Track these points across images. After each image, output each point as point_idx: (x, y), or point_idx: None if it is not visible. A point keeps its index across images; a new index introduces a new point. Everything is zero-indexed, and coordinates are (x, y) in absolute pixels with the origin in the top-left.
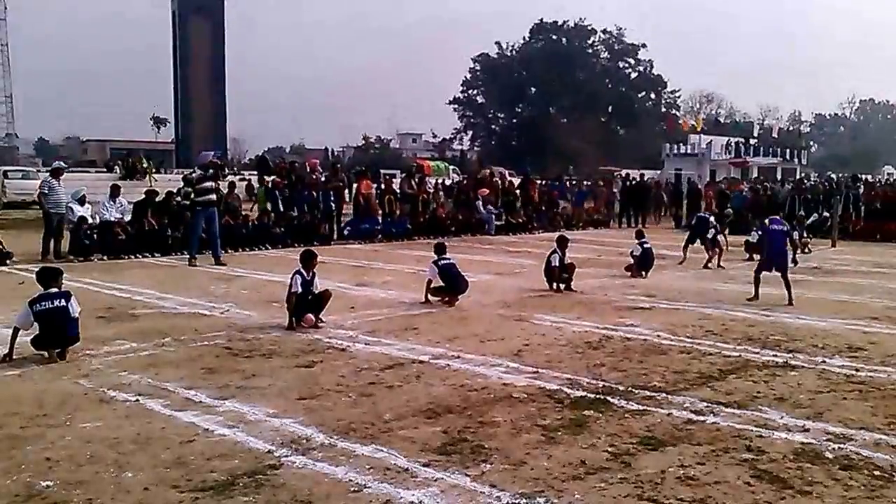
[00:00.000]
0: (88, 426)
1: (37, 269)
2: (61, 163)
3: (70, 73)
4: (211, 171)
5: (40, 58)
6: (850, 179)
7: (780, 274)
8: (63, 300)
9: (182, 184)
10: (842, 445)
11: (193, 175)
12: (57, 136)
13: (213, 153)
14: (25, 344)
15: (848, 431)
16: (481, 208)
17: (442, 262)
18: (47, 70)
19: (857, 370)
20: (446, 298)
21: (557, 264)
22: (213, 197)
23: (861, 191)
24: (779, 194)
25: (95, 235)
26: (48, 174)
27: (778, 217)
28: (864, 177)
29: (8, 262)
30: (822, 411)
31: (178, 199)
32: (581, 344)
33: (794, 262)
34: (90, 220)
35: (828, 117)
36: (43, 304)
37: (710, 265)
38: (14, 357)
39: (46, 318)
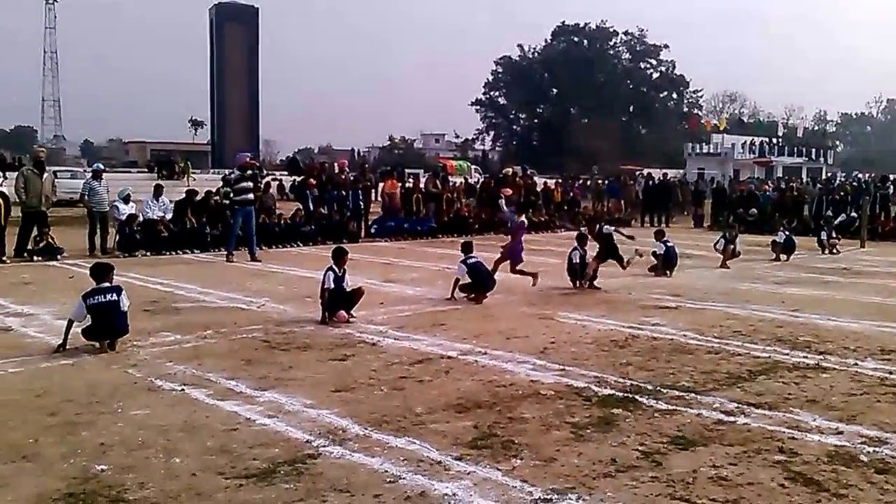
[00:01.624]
0: (138, 413)
1: (90, 265)
2: (100, 165)
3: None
4: (249, 172)
5: (86, 63)
6: (878, 179)
7: None
8: (114, 294)
9: (222, 184)
10: (877, 449)
11: (232, 175)
12: (101, 138)
13: (248, 154)
14: (77, 335)
15: (883, 435)
16: (504, 207)
17: (470, 260)
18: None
19: (890, 373)
20: (473, 295)
21: (578, 261)
22: (251, 196)
23: (891, 191)
24: (808, 194)
25: (136, 235)
26: (90, 175)
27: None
28: (893, 177)
29: (59, 257)
30: (856, 414)
31: (217, 198)
32: (607, 342)
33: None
34: (140, 218)
35: (854, 117)
36: (96, 297)
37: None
38: (68, 347)
39: (99, 310)
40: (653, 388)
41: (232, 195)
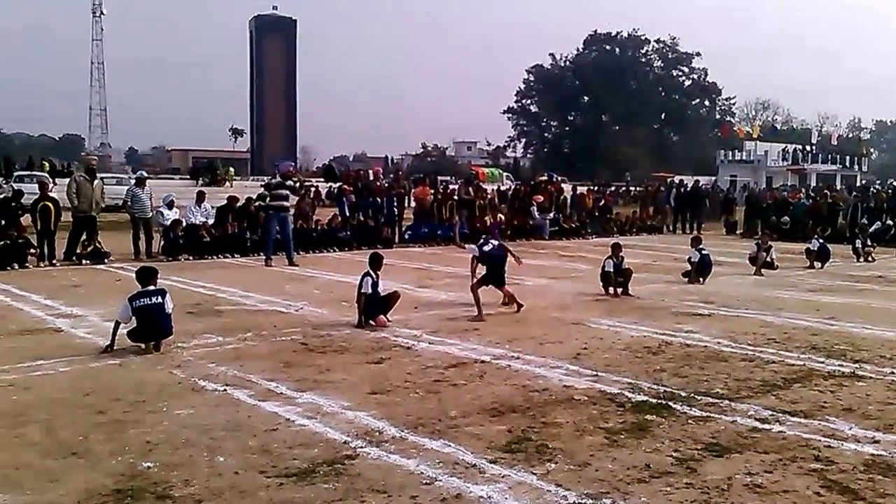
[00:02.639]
0: (183, 413)
1: (136, 269)
2: (143, 172)
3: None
4: (289, 182)
5: (131, 73)
6: None
7: None
8: (159, 297)
9: (263, 189)
10: None
11: (273, 181)
12: (145, 145)
13: (291, 163)
14: (123, 336)
15: None
16: (536, 214)
17: (486, 246)
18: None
19: None
20: (506, 302)
21: (611, 269)
22: (286, 203)
23: None
24: (843, 201)
25: (180, 239)
26: (133, 182)
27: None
28: None
29: (106, 260)
30: (893, 423)
31: (259, 202)
32: (640, 349)
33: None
34: (183, 223)
35: (889, 124)
36: (142, 300)
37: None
38: (115, 348)
39: (144, 313)
40: (686, 394)
41: (269, 199)
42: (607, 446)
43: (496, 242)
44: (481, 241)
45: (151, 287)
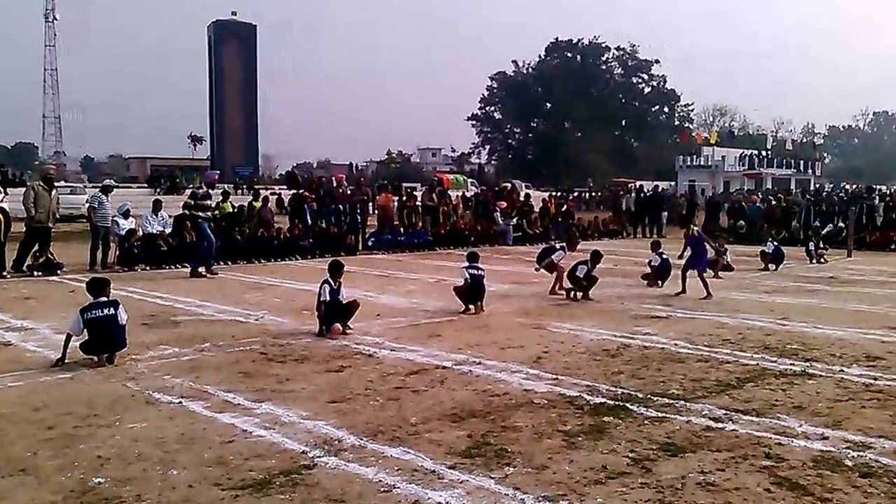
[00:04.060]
0: (136, 426)
1: (87, 280)
2: (111, 181)
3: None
4: (213, 190)
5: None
6: (864, 190)
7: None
8: (112, 308)
9: (188, 196)
10: (861, 453)
11: (200, 191)
12: (101, 153)
13: (217, 172)
14: (76, 348)
15: (867, 440)
16: (499, 220)
17: (472, 270)
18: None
19: (875, 379)
20: (471, 307)
21: (582, 275)
22: (209, 214)
23: (876, 202)
24: (797, 205)
25: (136, 249)
26: (99, 190)
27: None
28: (878, 188)
29: (59, 272)
30: (841, 420)
31: (185, 211)
32: (599, 351)
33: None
34: (139, 233)
35: (841, 129)
36: (94, 312)
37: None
38: (66, 361)
39: (96, 325)
40: (643, 396)
41: (194, 209)
42: (565, 449)
43: (483, 267)
44: (468, 264)
45: (104, 298)
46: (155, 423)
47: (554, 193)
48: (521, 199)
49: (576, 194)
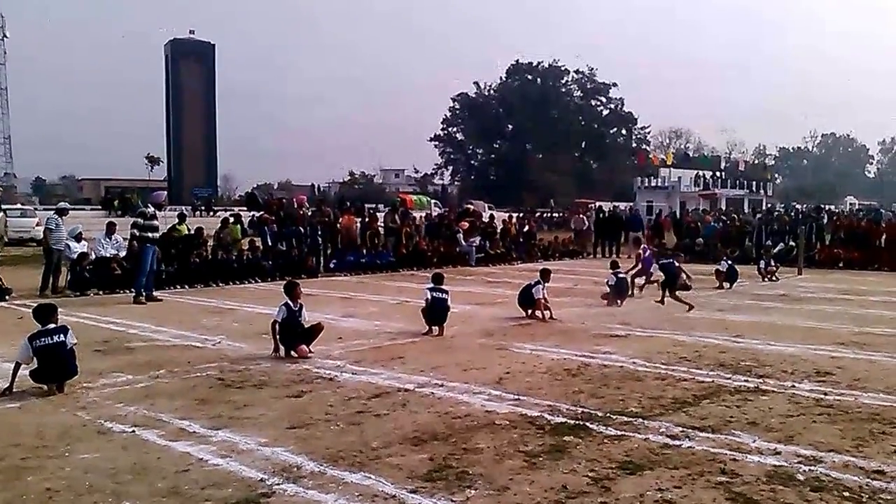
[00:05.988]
0: (87, 457)
1: (33, 307)
2: (66, 203)
3: (66, 115)
4: (159, 211)
5: (37, 99)
6: (813, 210)
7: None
8: (61, 335)
9: (137, 217)
10: (812, 468)
11: (148, 211)
12: (53, 175)
13: (164, 193)
14: (25, 377)
15: (818, 454)
16: (462, 241)
17: (435, 293)
18: (44, 111)
19: (825, 394)
20: (434, 328)
21: (541, 296)
22: (156, 235)
23: (825, 220)
24: (749, 224)
25: (87, 273)
26: (54, 212)
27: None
28: (827, 207)
29: (7, 297)
30: (793, 434)
31: (133, 231)
32: (560, 371)
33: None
34: (91, 256)
35: (791, 151)
36: (42, 339)
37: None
38: (14, 390)
39: (46, 353)
40: (603, 414)
41: (142, 230)
42: (526, 469)
43: (447, 289)
44: (433, 285)
45: (52, 325)
46: (107, 454)
47: (517, 214)
48: (486, 220)
49: (537, 214)
